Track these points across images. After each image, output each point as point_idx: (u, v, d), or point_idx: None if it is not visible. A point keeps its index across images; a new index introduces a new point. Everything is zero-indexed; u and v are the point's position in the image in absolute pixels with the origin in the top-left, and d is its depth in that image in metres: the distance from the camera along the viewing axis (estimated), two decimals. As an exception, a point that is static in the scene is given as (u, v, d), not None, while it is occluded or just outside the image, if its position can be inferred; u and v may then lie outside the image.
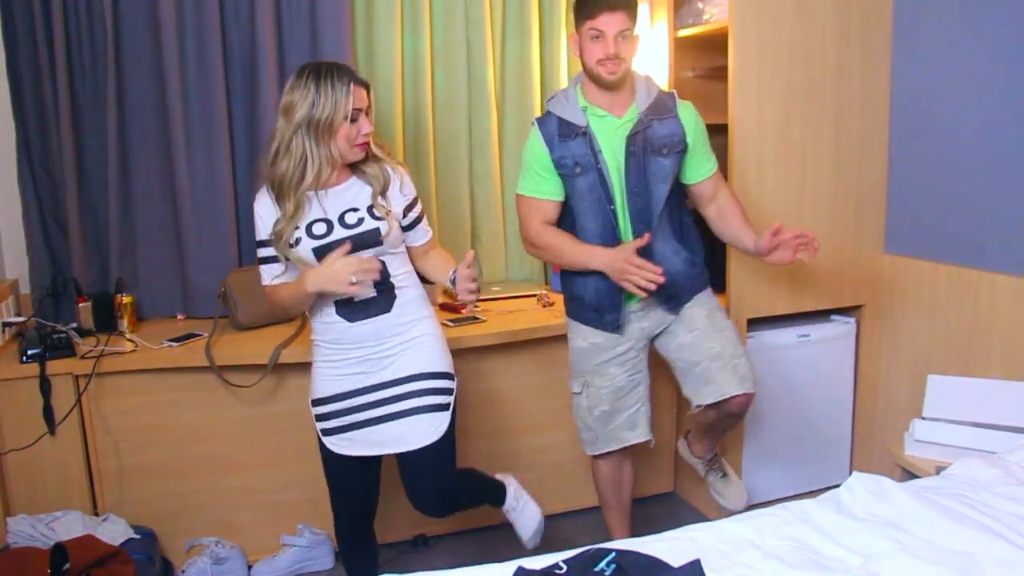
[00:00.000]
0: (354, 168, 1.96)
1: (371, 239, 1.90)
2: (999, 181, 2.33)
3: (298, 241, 1.89)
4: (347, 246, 1.86)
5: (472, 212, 3.04)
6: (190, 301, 2.74)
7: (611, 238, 2.16)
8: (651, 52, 2.89)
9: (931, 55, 2.53)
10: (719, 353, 2.20)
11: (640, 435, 2.31)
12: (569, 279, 2.29)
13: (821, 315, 2.83)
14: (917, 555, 1.39)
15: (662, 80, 2.83)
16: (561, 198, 2.19)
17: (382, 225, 1.91)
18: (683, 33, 2.79)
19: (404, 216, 1.99)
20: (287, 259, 1.92)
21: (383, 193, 1.95)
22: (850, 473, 1.70)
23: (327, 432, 2.00)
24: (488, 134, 2.97)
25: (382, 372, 1.96)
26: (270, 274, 1.96)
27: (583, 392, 2.30)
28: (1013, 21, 2.24)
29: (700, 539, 1.52)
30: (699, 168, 2.24)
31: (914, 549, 1.42)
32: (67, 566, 1.96)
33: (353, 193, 1.94)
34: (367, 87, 1.90)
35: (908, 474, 2.16)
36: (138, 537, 2.30)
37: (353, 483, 2.05)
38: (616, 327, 2.23)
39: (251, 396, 2.44)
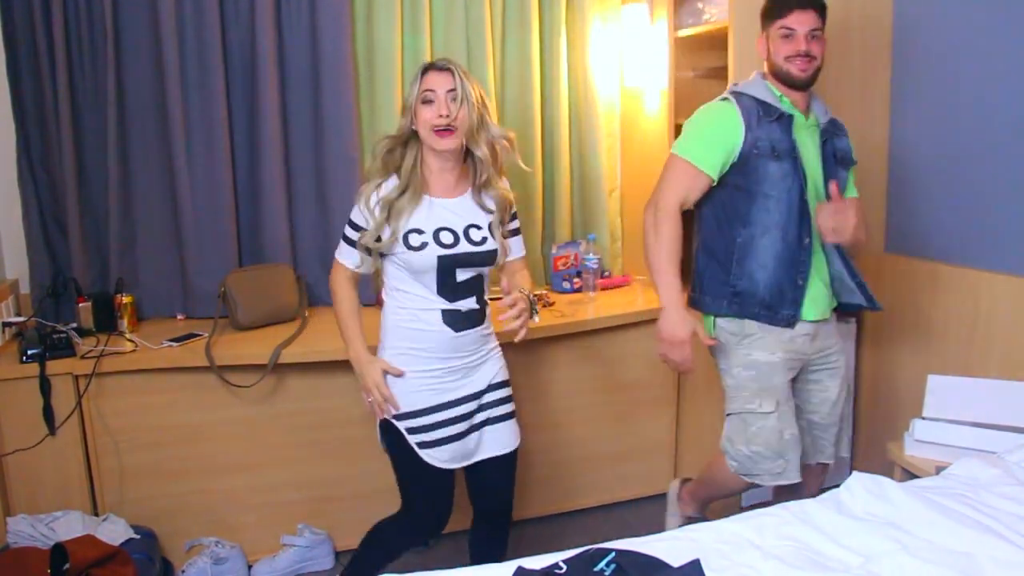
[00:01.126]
0: (471, 186, 1.97)
1: (490, 259, 1.95)
2: (999, 181, 2.33)
3: (424, 245, 1.88)
4: (399, 371, 1.94)
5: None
6: (190, 301, 2.75)
7: (795, 234, 2.04)
8: (651, 52, 2.89)
9: (932, 54, 2.53)
10: (841, 417, 2.23)
11: (831, 455, 2.25)
12: (733, 270, 2.10)
13: (821, 315, 2.83)
14: (917, 555, 1.39)
15: (662, 80, 2.84)
16: (715, 182, 2.06)
17: (500, 248, 1.97)
18: (683, 33, 2.78)
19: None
20: (380, 252, 1.92)
21: (502, 220, 1.99)
22: (850, 473, 1.70)
23: (425, 445, 1.94)
24: (488, 134, 2.96)
25: (468, 383, 1.98)
26: (349, 259, 1.98)
27: (776, 411, 2.08)
28: (1014, 21, 2.24)
29: (700, 539, 1.52)
30: (851, 191, 2.22)
31: (914, 549, 1.42)
32: (67, 566, 1.96)
33: (471, 209, 1.96)
34: (452, 72, 1.87)
35: (908, 474, 2.15)
36: (138, 537, 2.30)
37: (444, 493, 2.02)
38: (792, 322, 2.07)
39: (251, 396, 2.44)
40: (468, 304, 1.95)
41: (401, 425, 1.94)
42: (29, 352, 2.28)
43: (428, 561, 2.57)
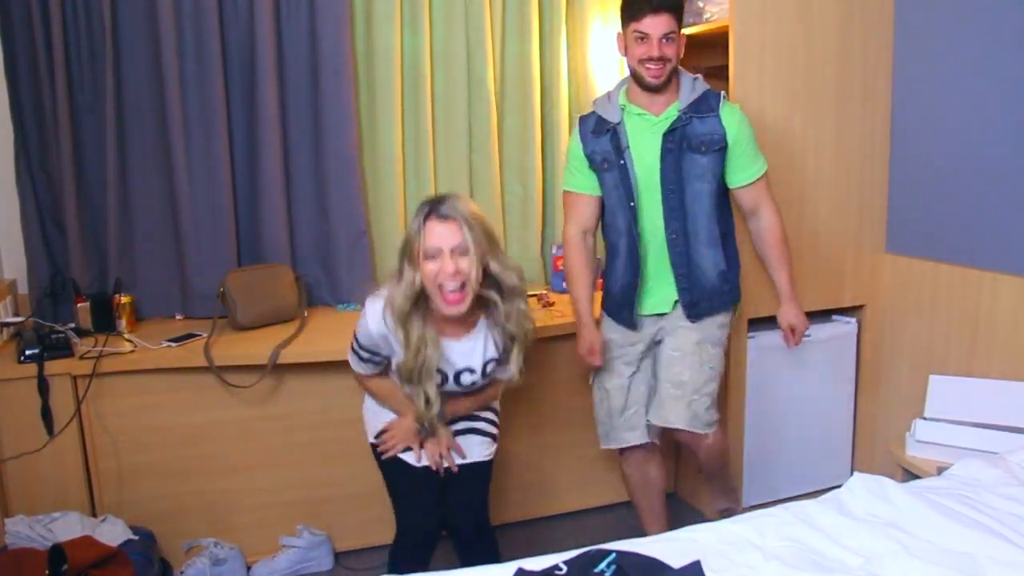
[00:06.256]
0: (482, 320, 1.92)
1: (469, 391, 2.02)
2: (1000, 181, 2.32)
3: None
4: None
5: (472, 212, 3.03)
6: (189, 301, 2.74)
7: (630, 234, 2.20)
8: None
9: (932, 54, 2.52)
10: (683, 383, 2.19)
11: (638, 437, 2.31)
12: (607, 269, 2.32)
13: (822, 315, 2.83)
14: (918, 556, 1.39)
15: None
16: (596, 192, 2.24)
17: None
18: (684, 32, 2.77)
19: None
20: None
21: (505, 353, 1.95)
22: (851, 473, 1.70)
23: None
24: (488, 134, 2.96)
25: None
26: (362, 368, 2.03)
27: (595, 384, 2.36)
28: (1014, 21, 2.24)
29: (700, 539, 1.52)
30: (737, 172, 2.20)
31: (915, 550, 1.42)
32: (65, 567, 1.96)
33: (475, 349, 1.93)
34: (459, 223, 1.74)
35: (909, 474, 2.15)
36: (136, 538, 2.29)
37: (425, 497, 2.07)
38: (631, 325, 2.27)
39: (250, 396, 2.43)
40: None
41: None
42: (27, 352, 2.27)
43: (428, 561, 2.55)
